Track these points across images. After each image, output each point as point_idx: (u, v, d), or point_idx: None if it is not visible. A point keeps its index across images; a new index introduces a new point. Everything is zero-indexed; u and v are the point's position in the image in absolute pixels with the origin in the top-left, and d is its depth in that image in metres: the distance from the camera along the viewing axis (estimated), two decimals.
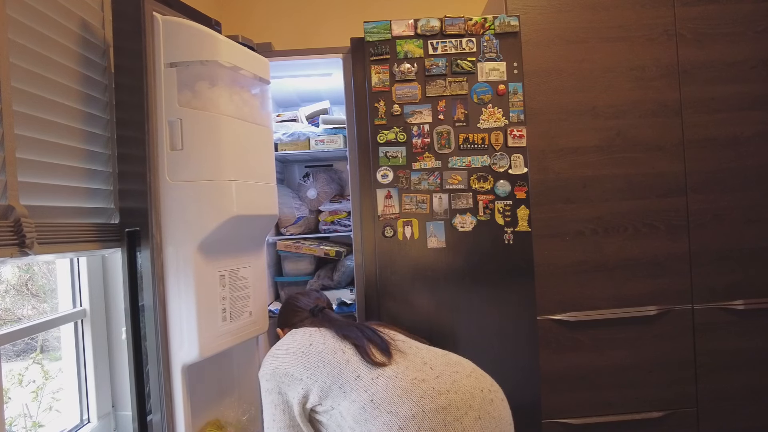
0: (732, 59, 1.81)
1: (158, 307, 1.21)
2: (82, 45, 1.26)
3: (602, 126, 1.80)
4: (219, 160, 1.26)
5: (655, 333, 1.80)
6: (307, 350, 1.18)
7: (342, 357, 1.15)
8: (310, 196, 2.20)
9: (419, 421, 1.00)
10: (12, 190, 0.98)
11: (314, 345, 1.19)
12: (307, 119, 2.21)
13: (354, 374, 1.11)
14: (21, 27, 1.05)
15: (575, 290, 1.79)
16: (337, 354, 1.16)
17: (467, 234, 1.63)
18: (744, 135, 1.81)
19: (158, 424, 1.22)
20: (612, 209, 1.80)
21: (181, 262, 1.23)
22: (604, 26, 1.80)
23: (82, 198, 1.23)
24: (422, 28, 1.64)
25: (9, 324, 1.30)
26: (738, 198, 1.80)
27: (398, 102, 1.64)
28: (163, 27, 1.23)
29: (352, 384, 1.10)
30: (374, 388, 1.08)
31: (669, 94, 1.81)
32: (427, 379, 1.08)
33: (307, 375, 1.14)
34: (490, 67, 1.64)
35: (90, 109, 1.28)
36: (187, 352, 1.23)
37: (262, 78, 1.47)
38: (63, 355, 1.41)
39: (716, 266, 1.80)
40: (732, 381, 1.80)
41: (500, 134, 1.64)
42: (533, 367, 1.62)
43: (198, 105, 1.25)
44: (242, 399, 1.54)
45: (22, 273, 1.45)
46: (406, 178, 1.63)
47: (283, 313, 1.44)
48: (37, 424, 1.34)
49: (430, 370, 1.11)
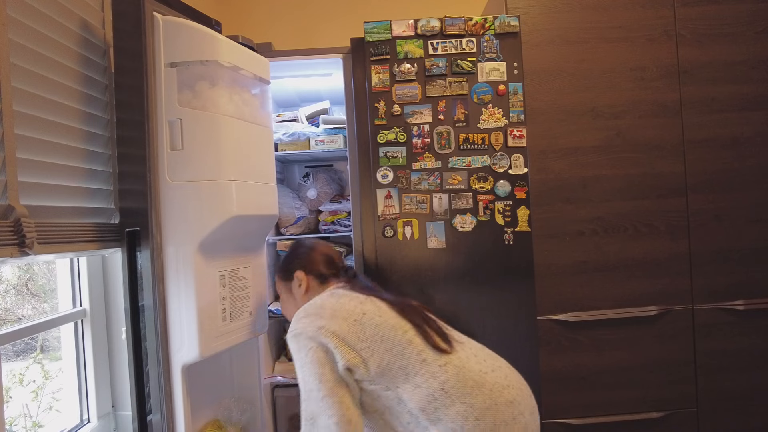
0: (732, 59, 1.81)
1: (158, 307, 1.21)
2: (82, 45, 1.26)
3: (602, 126, 1.80)
4: (219, 160, 1.26)
5: (655, 333, 1.80)
6: (361, 319, 1.09)
7: (403, 337, 1.09)
8: (310, 196, 2.20)
9: (494, 413, 1.01)
10: (12, 190, 0.98)
11: (369, 315, 1.10)
12: (308, 119, 2.21)
13: (419, 357, 1.06)
14: (21, 27, 1.05)
15: (575, 290, 1.79)
16: (398, 332, 1.09)
17: (467, 234, 1.63)
18: (744, 135, 1.81)
19: (158, 424, 1.22)
20: (612, 209, 1.80)
21: (181, 262, 1.23)
22: (605, 26, 1.80)
23: (82, 198, 1.23)
24: (422, 29, 1.64)
25: (9, 324, 1.30)
26: (738, 198, 1.80)
27: (398, 102, 1.64)
28: (163, 27, 1.23)
29: (416, 368, 1.05)
30: (444, 376, 1.05)
31: (669, 94, 1.81)
32: (487, 371, 1.08)
33: (363, 347, 1.06)
34: (490, 68, 1.64)
35: (90, 109, 1.28)
36: (187, 352, 1.23)
37: (262, 78, 1.47)
38: (63, 355, 1.41)
39: (716, 266, 1.80)
40: (732, 381, 1.80)
41: (500, 134, 1.64)
42: (533, 367, 1.62)
43: (198, 105, 1.25)
44: (242, 399, 1.54)
45: (22, 273, 1.45)
46: (406, 179, 1.63)
47: (302, 256, 1.32)
48: (37, 424, 1.34)
49: (484, 362, 1.11)
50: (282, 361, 2.08)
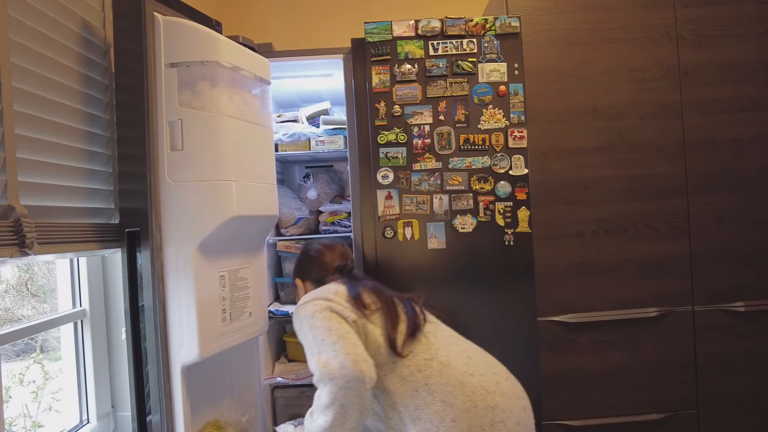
0: (733, 61, 1.80)
1: (158, 308, 1.21)
2: (82, 45, 1.26)
3: (603, 127, 1.80)
4: (219, 160, 1.26)
5: (656, 335, 1.79)
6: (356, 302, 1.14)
7: None
8: (311, 196, 2.20)
9: (471, 416, 1.00)
10: (12, 190, 0.98)
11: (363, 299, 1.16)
12: (308, 120, 2.20)
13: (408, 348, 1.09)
14: (22, 27, 1.05)
15: (576, 291, 1.79)
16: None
17: (468, 235, 1.63)
18: (745, 136, 1.81)
19: (158, 424, 1.22)
20: (613, 210, 1.80)
21: (181, 262, 1.23)
22: (605, 27, 1.80)
23: (83, 198, 1.23)
24: (423, 29, 1.64)
25: (9, 324, 1.30)
26: (739, 199, 1.80)
27: (399, 103, 1.64)
28: (163, 27, 1.23)
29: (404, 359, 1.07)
30: (429, 371, 1.05)
31: (670, 95, 1.80)
32: (474, 374, 1.07)
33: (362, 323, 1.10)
34: (490, 68, 1.64)
35: (90, 109, 1.28)
36: (187, 352, 1.23)
37: (262, 78, 1.47)
38: (63, 356, 1.41)
39: (717, 268, 1.80)
40: (733, 383, 1.80)
41: (501, 135, 1.64)
42: (533, 368, 1.62)
43: (198, 105, 1.25)
44: (242, 400, 1.54)
45: (22, 273, 1.45)
46: (407, 179, 1.63)
47: (305, 264, 1.40)
48: (36, 425, 1.34)
49: (474, 365, 1.10)
50: (282, 362, 2.08)
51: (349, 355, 1.00)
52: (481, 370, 1.09)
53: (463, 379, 1.05)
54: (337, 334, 1.04)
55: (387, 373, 1.07)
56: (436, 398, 1.02)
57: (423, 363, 1.06)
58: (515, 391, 1.10)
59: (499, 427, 1.00)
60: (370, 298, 1.18)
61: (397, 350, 1.09)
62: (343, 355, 1.00)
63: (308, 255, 1.42)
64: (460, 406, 1.01)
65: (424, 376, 1.05)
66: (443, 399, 1.02)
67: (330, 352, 1.02)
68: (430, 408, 1.01)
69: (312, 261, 1.40)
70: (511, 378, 1.14)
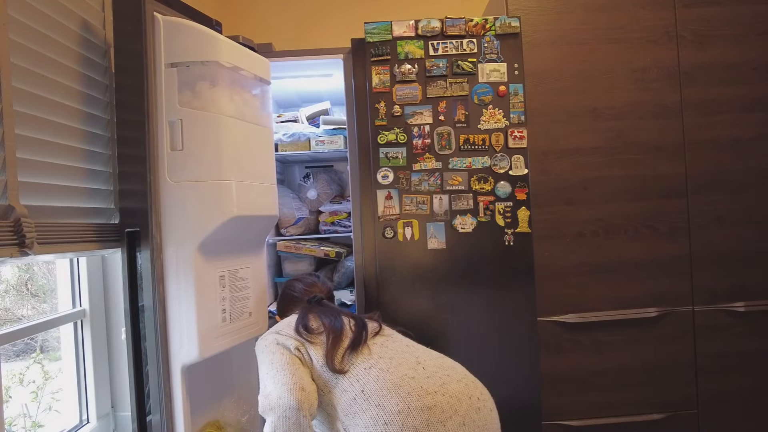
0: (733, 61, 1.80)
1: (158, 308, 1.21)
2: (82, 45, 1.26)
3: (603, 127, 1.80)
4: (219, 160, 1.26)
5: (656, 335, 1.79)
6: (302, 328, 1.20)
7: None
8: (311, 196, 2.20)
9: (404, 417, 1.00)
10: (12, 190, 0.98)
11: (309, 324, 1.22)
12: (308, 120, 2.21)
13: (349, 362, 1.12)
14: (22, 27, 1.05)
15: (576, 292, 1.79)
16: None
17: (468, 235, 1.63)
18: (745, 137, 1.81)
19: (158, 424, 1.22)
20: (613, 211, 1.80)
21: (181, 262, 1.23)
22: (605, 27, 1.80)
23: (82, 198, 1.23)
24: (423, 29, 1.64)
25: (9, 324, 1.30)
26: (739, 200, 1.80)
27: (399, 103, 1.64)
28: (163, 27, 1.23)
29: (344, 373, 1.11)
30: (366, 378, 1.07)
31: (670, 95, 1.81)
32: (417, 377, 1.08)
33: (305, 348, 1.16)
34: (490, 68, 1.64)
35: (90, 109, 1.28)
36: (187, 352, 1.23)
37: (262, 78, 1.47)
38: (62, 356, 1.41)
39: (717, 268, 1.80)
40: (733, 383, 1.80)
41: (501, 135, 1.64)
42: (533, 368, 1.62)
43: (198, 105, 1.25)
44: (242, 400, 1.54)
45: (22, 273, 1.45)
46: (407, 179, 1.63)
47: (282, 302, 1.46)
48: (36, 425, 1.34)
49: (422, 369, 1.11)
50: None
51: (286, 385, 1.07)
52: (427, 374, 1.09)
53: (400, 382, 1.05)
54: (277, 367, 1.11)
55: (332, 389, 1.10)
56: (371, 403, 1.03)
57: (362, 372, 1.09)
58: (467, 392, 1.08)
59: (436, 427, 1.00)
60: (316, 323, 1.23)
61: (332, 367, 1.12)
62: (281, 385, 1.08)
63: (285, 293, 1.47)
64: (393, 408, 1.01)
65: (361, 384, 1.07)
66: (377, 403, 1.03)
67: (271, 384, 1.10)
68: (366, 414, 1.02)
69: (289, 299, 1.44)
70: (466, 380, 1.12)
